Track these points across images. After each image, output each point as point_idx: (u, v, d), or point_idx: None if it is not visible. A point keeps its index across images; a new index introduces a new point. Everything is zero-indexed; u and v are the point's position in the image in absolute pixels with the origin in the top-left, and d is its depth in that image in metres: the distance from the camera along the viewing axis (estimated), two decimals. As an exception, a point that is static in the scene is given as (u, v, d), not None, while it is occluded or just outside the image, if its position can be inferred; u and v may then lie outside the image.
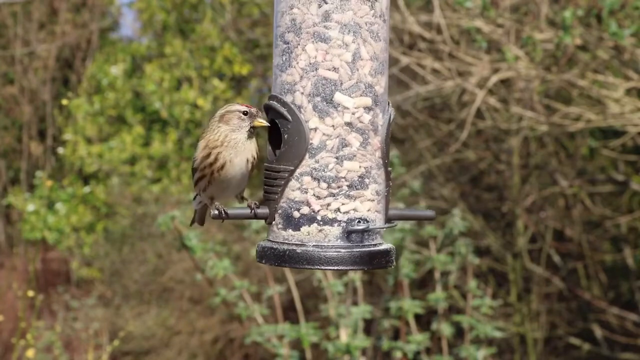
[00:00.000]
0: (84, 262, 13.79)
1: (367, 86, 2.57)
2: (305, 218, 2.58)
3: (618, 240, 9.98)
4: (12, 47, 16.05)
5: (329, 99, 2.56)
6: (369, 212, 2.59)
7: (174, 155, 14.29)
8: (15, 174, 16.33)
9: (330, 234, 2.57)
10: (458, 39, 7.66)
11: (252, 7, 13.75)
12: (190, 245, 6.46)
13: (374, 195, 2.60)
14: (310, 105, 2.57)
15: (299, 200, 2.59)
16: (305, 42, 2.56)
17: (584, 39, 6.78)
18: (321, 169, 2.57)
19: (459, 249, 6.71)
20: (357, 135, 2.57)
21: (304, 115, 2.57)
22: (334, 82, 2.56)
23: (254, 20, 13.86)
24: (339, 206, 2.57)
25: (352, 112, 2.56)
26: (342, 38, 2.55)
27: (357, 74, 2.56)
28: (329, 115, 2.56)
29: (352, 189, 2.57)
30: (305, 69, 2.57)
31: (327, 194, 2.57)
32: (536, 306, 9.78)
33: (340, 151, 2.56)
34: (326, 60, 2.56)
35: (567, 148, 9.91)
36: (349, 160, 2.57)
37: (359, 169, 2.58)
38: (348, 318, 6.42)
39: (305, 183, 2.58)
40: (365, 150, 2.58)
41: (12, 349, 7.37)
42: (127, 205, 13.15)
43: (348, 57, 2.56)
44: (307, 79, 2.57)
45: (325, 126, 2.56)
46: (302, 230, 2.58)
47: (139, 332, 10.52)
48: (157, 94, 14.37)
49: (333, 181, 2.57)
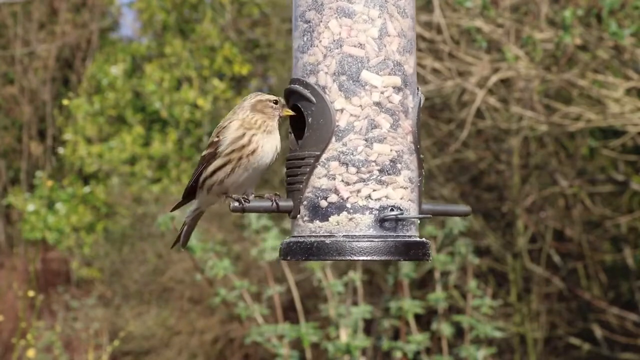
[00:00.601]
0: (84, 262, 13.79)
1: (395, 64, 2.41)
2: (334, 207, 2.39)
3: (618, 240, 9.98)
4: (12, 47, 16.05)
5: (355, 77, 2.39)
6: (402, 201, 2.41)
7: (174, 155, 14.29)
8: (15, 174, 16.33)
9: (361, 222, 2.38)
10: (458, 38, 7.65)
11: (252, 7, 13.75)
12: (190, 245, 6.46)
13: (407, 183, 2.42)
14: (335, 85, 2.40)
15: (326, 187, 2.40)
16: (328, 19, 2.40)
17: (584, 38, 6.78)
18: (349, 152, 2.39)
19: (459, 249, 6.71)
20: (386, 116, 2.40)
21: (329, 96, 2.40)
22: (360, 60, 2.40)
23: (254, 20, 13.87)
24: (370, 192, 2.39)
25: (381, 92, 2.39)
26: (367, 12, 2.40)
27: (384, 51, 2.40)
28: (356, 95, 2.39)
29: (383, 174, 2.39)
30: (329, 46, 2.41)
31: (356, 180, 2.39)
32: (536, 306, 9.78)
33: (370, 133, 2.39)
34: (351, 36, 2.40)
35: (567, 148, 9.91)
36: (379, 143, 2.39)
37: (391, 152, 2.40)
38: (348, 318, 6.41)
39: (333, 168, 2.40)
40: (396, 132, 2.40)
41: (13, 349, 7.37)
42: (127, 205, 13.15)
43: (374, 33, 2.40)
44: (331, 57, 2.41)
45: (353, 106, 2.39)
46: (331, 220, 2.39)
47: (139, 332, 10.51)
48: (157, 94, 14.37)
49: (363, 165, 2.39)
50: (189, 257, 7.07)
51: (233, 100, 14.39)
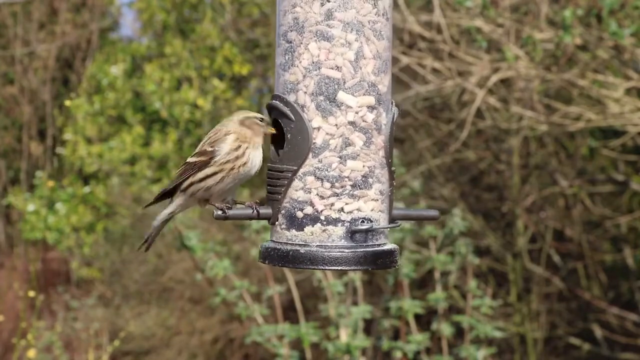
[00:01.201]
0: (84, 262, 13.78)
1: (370, 85, 2.56)
2: (309, 218, 2.56)
3: (618, 240, 9.98)
4: (12, 47, 16.04)
5: (332, 97, 2.54)
6: (373, 212, 2.57)
7: (174, 155, 14.28)
8: (15, 174, 16.33)
9: (334, 234, 2.55)
10: (458, 38, 7.65)
11: (252, 7, 13.75)
12: (190, 245, 6.46)
13: (377, 195, 2.58)
14: (313, 104, 2.55)
15: (302, 200, 2.57)
16: (308, 41, 2.55)
17: (584, 38, 6.78)
18: (324, 168, 2.55)
19: (459, 249, 6.71)
20: (360, 134, 2.56)
21: (307, 115, 2.55)
22: (337, 81, 2.54)
23: (254, 20, 13.87)
24: (343, 206, 2.55)
25: (356, 111, 2.55)
26: (344, 36, 2.54)
27: (360, 73, 2.55)
28: (332, 115, 2.55)
29: (355, 189, 2.56)
30: (308, 67, 2.55)
31: (330, 194, 2.55)
32: (536, 306, 9.78)
33: (344, 150, 2.55)
34: (329, 59, 2.54)
35: (567, 148, 9.91)
36: (353, 160, 2.55)
37: (363, 169, 2.56)
38: (348, 318, 6.42)
39: (309, 183, 2.56)
40: (368, 149, 2.56)
41: (13, 349, 7.37)
42: (127, 205, 13.15)
43: (351, 56, 2.55)
44: (310, 78, 2.55)
45: (329, 125, 2.55)
46: (306, 230, 2.57)
47: (139, 332, 10.51)
48: (157, 94, 14.36)
49: (336, 181, 2.55)
50: (189, 257, 7.07)
51: (233, 100, 14.38)
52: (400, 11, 7.39)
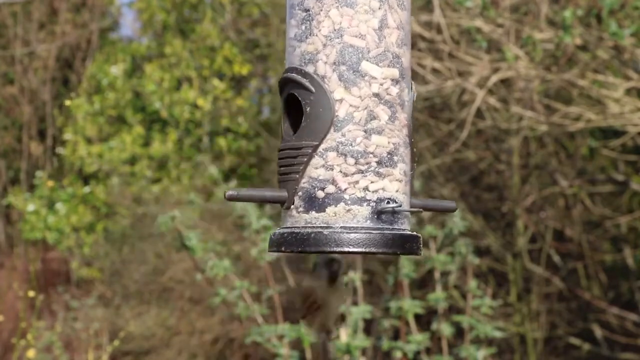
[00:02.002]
0: (84, 262, 13.79)
1: (394, 56, 2.42)
2: (332, 197, 2.34)
3: (618, 240, 9.98)
4: (12, 47, 16.05)
5: (355, 67, 2.38)
6: (397, 193, 2.38)
7: (174, 155, 14.29)
8: (15, 174, 16.33)
9: (359, 214, 2.34)
10: (458, 38, 7.66)
11: (252, 7, 13.76)
12: (190, 245, 6.46)
13: (402, 176, 2.40)
14: (335, 74, 2.38)
15: (323, 178, 2.35)
16: (329, 8, 2.38)
17: (584, 38, 6.78)
18: (348, 143, 2.36)
19: (459, 249, 6.71)
20: (385, 108, 2.38)
21: (328, 86, 2.37)
22: (361, 50, 2.38)
23: (254, 20, 13.88)
24: (368, 184, 2.35)
25: (380, 83, 2.38)
26: (368, 3, 2.39)
27: (384, 42, 2.40)
28: (355, 85, 2.37)
29: (381, 166, 2.37)
30: (329, 35, 2.38)
31: (355, 171, 2.35)
32: (536, 306, 9.78)
33: (369, 124, 2.36)
34: (352, 26, 2.38)
35: (567, 148, 9.92)
36: (378, 135, 2.37)
37: (388, 145, 2.38)
38: (348, 318, 6.42)
39: (331, 159, 2.35)
40: (393, 124, 2.39)
41: (12, 349, 7.38)
42: (127, 205, 13.15)
43: (375, 24, 2.40)
44: (331, 47, 2.38)
45: (352, 97, 2.37)
46: (328, 211, 2.34)
47: (139, 332, 10.52)
48: (157, 94, 14.37)
49: (361, 156, 2.35)
50: (189, 257, 7.07)
51: (233, 100, 14.40)
52: (400, 11, 7.38)
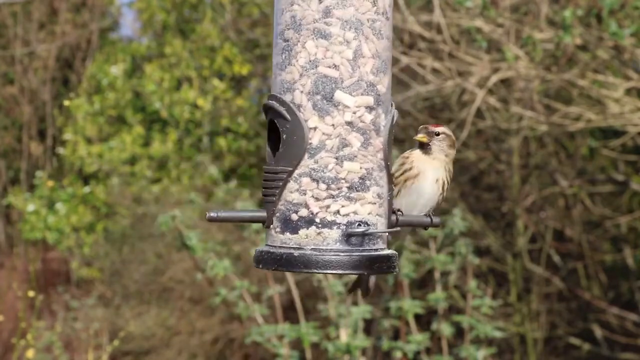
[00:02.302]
0: (84, 262, 13.78)
1: (368, 85, 2.50)
2: (304, 220, 2.48)
3: (618, 240, 9.98)
4: (12, 47, 16.04)
5: (329, 97, 2.47)
6: (370, 216, 2.50)
7: (174, 155, 14.29)
8: (15, 174, 16.33)
9: (329, 237, 2.47)
10: (458, 38, 7.65)
11: (252, 7, 13.75)
12: (190, 245, 6.46)
13: (375, 198, 2.51)
14: (310, 103, 2.48)
15: (297, 202, 2.49)
16: (305, 39, 2.48)
17: (584, 38, 6.78)
18: (320, 169, 2.48)
19: (459, 249, 6.71)
20: (358, 135, 2.49)
21: (303, 114, 2.48)
22: (335, 80, 2.47)
23: (254, 20, 13.87)
24: (339, 208, 2.47)
25: (353, 111, 2.48)
26: (343, 34, 2.47)
27: (358, 72, 2.48)
28: (329, 114, 2.47)
29: (352, 191, 2.48)
30: (305, 66, 2.48)
31: (326, 196, 2.47)
32: (536, 306, 9.78)
33: (341, 151, 2.48)
34: (326, 57, 2.47)
35: (567, 148, 9.92)
36: (350, 161, 2.48)
37: (360, 170, 2.49)
38: (348, 318, 6.42)
39: (304, 184, 2.48)
40: (366, 150, 2.49)
41: (12, 349, 7.38)
42: (127, 205, 13.15)
43: (349, 55, 2.48)
44: (306, 77, 2.48)
45: (325, 125, 2.48)
46: (300, 233, 2.48)
47: (139, 332, 10.51)
48: (157, 94, 14.36)
49: (333, 182, 2.47)
50: (189, 257, 7.07)
51: (233, 100, 14.39)
52: (401, 11, 7.39)
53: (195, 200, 7.83)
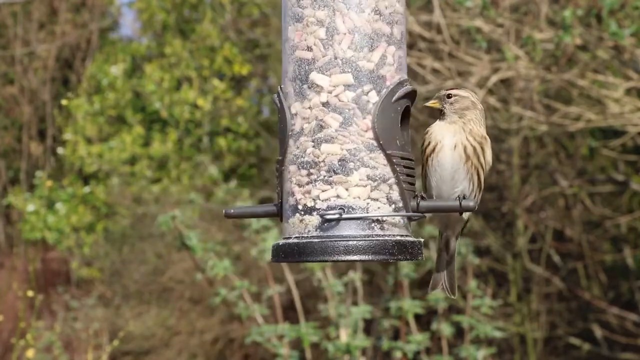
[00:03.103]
0: (84, 262, 13.78)
1: (344, 62, 2.40)
2: (292, 209, 2.42)
3: (618, 240, 9.98)
4: (12, 47, 16.04)
5: (304, 79, 2.41)
6: (357, 200, 2.37)
7: (174, 155, 14.29)
8: (15, 174, 16.32)
9: (309, 224, 2.39)
10: (458, 38, 7.65)
11: (252, 7, 13.75)
12: (190, 245, 6.46)
13: (365, 181, 2.39)
14: (292, 90, 2.43)
15: (287, 191, 2.44)
16: (287, 26, 2.45)
17: (584, 38, 6.78)
18: (301, 155, 2.40)
19: (459, 249, 6.70)
20: (335, 115, 2.39)
21: (286, 101, 2.44)
22: (308, 62, 2.41)
23: (254, 20, 13.87)
24: (319, 193, 2.38)
25: (329, 91, 2.39)
26: (314, 14, 2.41)
27: (332, 50, 2.40)
28: (305, 98, 2.41)
29: (331, 174, 2.38)
30: (288, 52, 2.45)
31: (307, 181, 2.40)
32: (536, 306, 9.78)
33: (318, 133, 2.39)
34: (302, 40, 2.42)
35: (567, 148, 9.91)
36: (327, 143, 2.38)
37: (340, 152, 2.38)
38: (348, 318, 6.42)
39: (291, 172, 2.43)
40: (346, 130, 2.39)
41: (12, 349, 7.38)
42: (127, 205, 13.15)
43: (321, 34, 2.40)
44: (289, 64, 2.44)
45: (303, 109, 2.41)
46: (290, 222, 2.43)
47: (139, 332, 10.51)
48: (157, 94, 14.36)
49: (312, 167, 2.39)
50: (189, 257, 7.07)
51: (233, 100, 14.39)
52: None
53: (195, 200, 7.83)
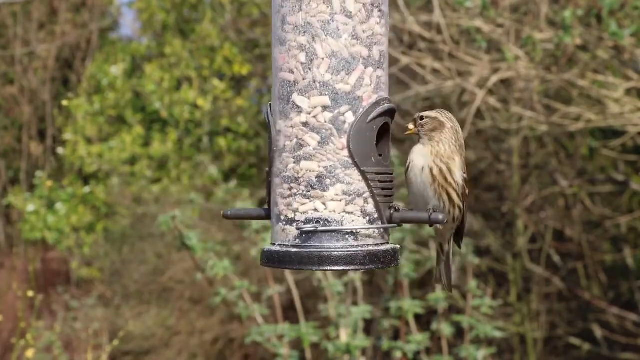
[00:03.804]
0: (84, 262, 13.78)
1: (322, 85, 2.59)
2: (276, 218, 2.66)
3: (618, 240, 9.98)
4: (12, 47, 16.04)
5: (287, 100, 2.62)
6: (332, 213, 2.60)
7: (174, 155, 14.29)
8: (15, 174, 16.33)
9: (290, 233, 2.62)
10: (458, 39, 7.65)
11: (252, 7, 13.74)
12: (190, 245, 6.46)
13: (340, 196, 2.60)
14: (277, 108, 2.65)
15: (273, 201, 2.67)
16: (273, 48, 2.66)
17: (584, 39, 6.78)
18: (283, 169, 2.63)
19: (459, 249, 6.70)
20: (313, 134, 2.60)
21: (272, 119, 2.66)
22: (290, 84, 2.62)
23: (254, 20, 13.86)
24: (298, 206, 2.61)
25: (308, 112, 2.60)
26: (295, 39, 2.60)
27: (311, 74, 2.60)
28: (287, 117, 2.62)
29: (309, 189, 2.61)
30: (274, 73, 2.66)
31: (288, 194, 2.62)
32: (536, 306, 9.78)
33: (298, 151, 2.61)
34: (285, 62, 2.62)
35: (567, 148, 9.92)
36: (306, 160, 2.60)
37: (318, 169, 2.60)
38: (348, 318, 6.42)
39: (276, 184, 2.66)
40: (323, 149, 2.60)
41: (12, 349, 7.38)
42: (127, 205, 13.15)
43: (302, 58, 2.60)
44: (274, 84, 2.66)
45: (286, 127, 2.63)
46: (276, 229, 2.67)
47: (139, 332, 10.52)
48: (157, 94, 14.36)
49: (292, 182, 2.61)
50: (189, 257, 7.07)
51: (233, 100, 14.39)
52: (400, 12, 7.40)
53: (195, 200, 7.84)
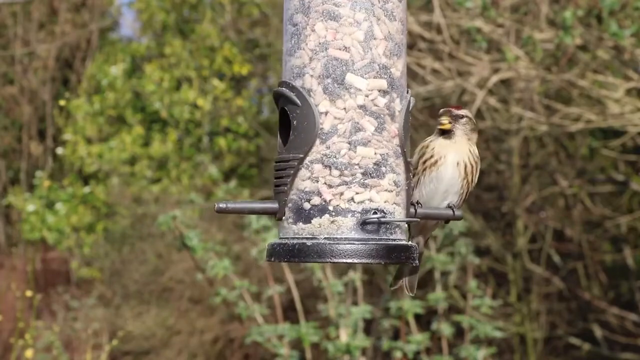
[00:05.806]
0: (84, 262, 13.78)
1: (381, 67, 2.43)
2: (317, 209, 2.40)
3: (618, 240, 9.98)
4: (12, 47, 16.04)
5: (340, 80, 2.41)
6: (386, 204, 2.42)
7: (174, 155, 14.29)
8: (15, 174, 16.33)
9: (343, 225, 2.39)
10: (458, 39, 7.65)
11: (252, 7, 13.75)
12: (190, 245, 6.46)
13: (391, 186, 2.43)
14: (320, 87, 2.41)
15: (309, 190, 2.41)
16: (315, 22, 2.42)
17: (584, 39, 6.78)
18: (333, 155, 2.40)
19: (459, 249, 6.71)
20: (371, 119, 2.42)
21: (313, 99, 2.41)
22: (345, 62, 2.41)
23: (254, 20, 13.87)
24: (353, 195, 2.40)
25: (366, 95, 2.41)
26: (353, 15, 2.41)
27: (370, 54, 2.42)
28: (340, 98, 2.41)
29: (367, 177, 2.40)
30: (315, 49, 2.42)
31: (339, 182, 2.40)
32: (536, 306, 9.78)
33: (353, 136, 2.40)
34: (336, 39, 2.41)
35: (567, 148, 9.92)
36: (363, 146, 2.41)
37: (375, 156, 2.41)
38: (348, 318, 6.42)
39: (316, 171, 2.41)
40: (380, 135, 2.42)
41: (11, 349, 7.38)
42: (127, 205, 13.15)
43: (360, 36, 2.41)
44: (316, 60, 2.42)
45: (337, 109, 2.41)
46: (314, 222, 2.41)
47: (139, 332, 10.52)
48: (157, 94, 14.36)
49: (346, 168, 2.40)
50: (189, 257, 7.07)
51: (233, 100, 14.39)
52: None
53: (195, 200, 7.84)
